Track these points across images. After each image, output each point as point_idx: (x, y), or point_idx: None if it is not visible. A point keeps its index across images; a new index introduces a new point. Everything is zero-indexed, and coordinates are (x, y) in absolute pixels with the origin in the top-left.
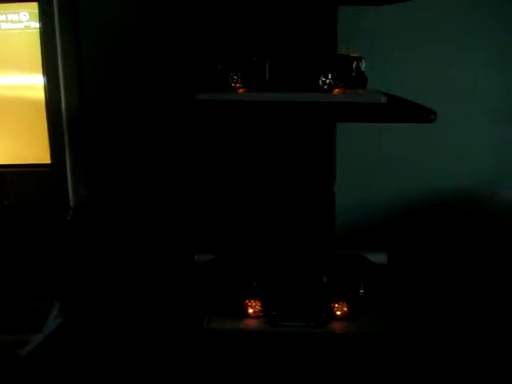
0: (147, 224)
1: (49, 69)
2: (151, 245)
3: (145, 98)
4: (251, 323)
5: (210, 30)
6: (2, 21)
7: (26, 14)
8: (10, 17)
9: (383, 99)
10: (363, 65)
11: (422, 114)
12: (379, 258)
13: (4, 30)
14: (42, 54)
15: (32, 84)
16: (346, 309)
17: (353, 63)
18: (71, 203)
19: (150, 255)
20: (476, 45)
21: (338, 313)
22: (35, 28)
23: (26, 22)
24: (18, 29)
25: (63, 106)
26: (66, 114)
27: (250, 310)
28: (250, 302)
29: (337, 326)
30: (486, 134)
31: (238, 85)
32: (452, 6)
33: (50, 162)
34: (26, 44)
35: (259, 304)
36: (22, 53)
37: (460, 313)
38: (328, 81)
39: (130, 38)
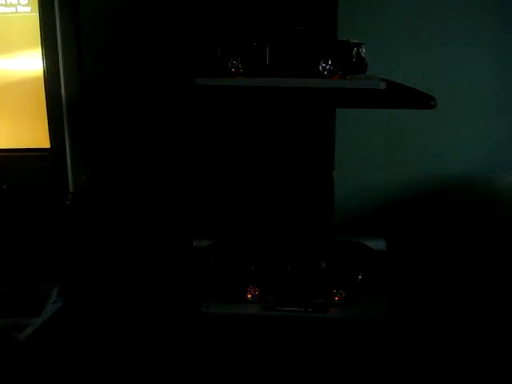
0: (146, 209)
1: (48, 53)
2: (150, 230)
3: (145, 83)
4: (250, 308)
5: (210, 15)
6: (1, 4)
7: None
8: (10, 0)
9: (383, 85)
10: (363, 50)
11: (421, 100)
12: (378, 244)
13: (3, 13)
14: (41, 38)
15: (31, 68)
16: (344, 294)
17: (353, 49)
18: (71, 188)
19: (149, 240)
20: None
21: (336, 298)
22: (35, 11)
23: (25, 6)
24: (16, 12)
25: (63, 90)
26: (65, 98)
27: (249, 295)
28: (248, 287)
29: (335, 312)
30: (482, 123)
31: (238, 70)
32: None
33: (49, 146)
34: (25, 28)
35: (257, 289)
36: (21, 37)
37: (456, 299)
38: (328, 66)
39: (129, 23)
